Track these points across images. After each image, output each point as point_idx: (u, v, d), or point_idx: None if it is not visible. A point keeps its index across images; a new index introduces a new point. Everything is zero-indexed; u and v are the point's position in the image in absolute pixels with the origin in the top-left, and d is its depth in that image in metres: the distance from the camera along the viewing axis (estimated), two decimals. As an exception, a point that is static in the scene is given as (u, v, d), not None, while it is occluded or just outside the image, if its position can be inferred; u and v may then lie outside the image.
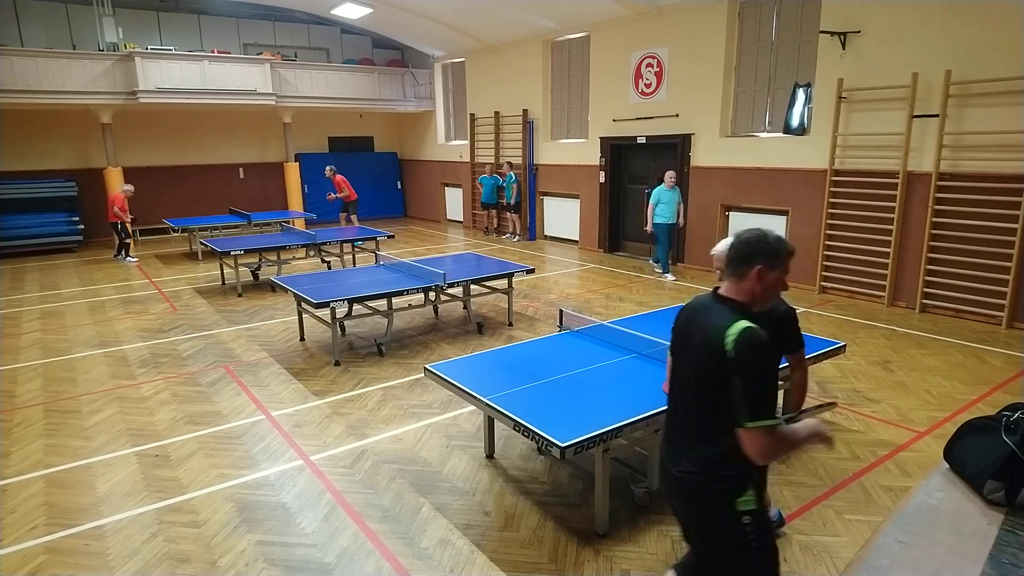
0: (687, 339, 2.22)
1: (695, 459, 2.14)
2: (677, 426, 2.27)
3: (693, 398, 2.16)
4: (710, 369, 2.04)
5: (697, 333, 2.14)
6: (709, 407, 2.09)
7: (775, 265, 2.10)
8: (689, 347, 2.19)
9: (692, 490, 2.18)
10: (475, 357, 4.71)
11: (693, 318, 2.22)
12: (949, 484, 2.14)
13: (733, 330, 1.99)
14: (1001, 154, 7.12)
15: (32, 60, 11.87)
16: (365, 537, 3.53)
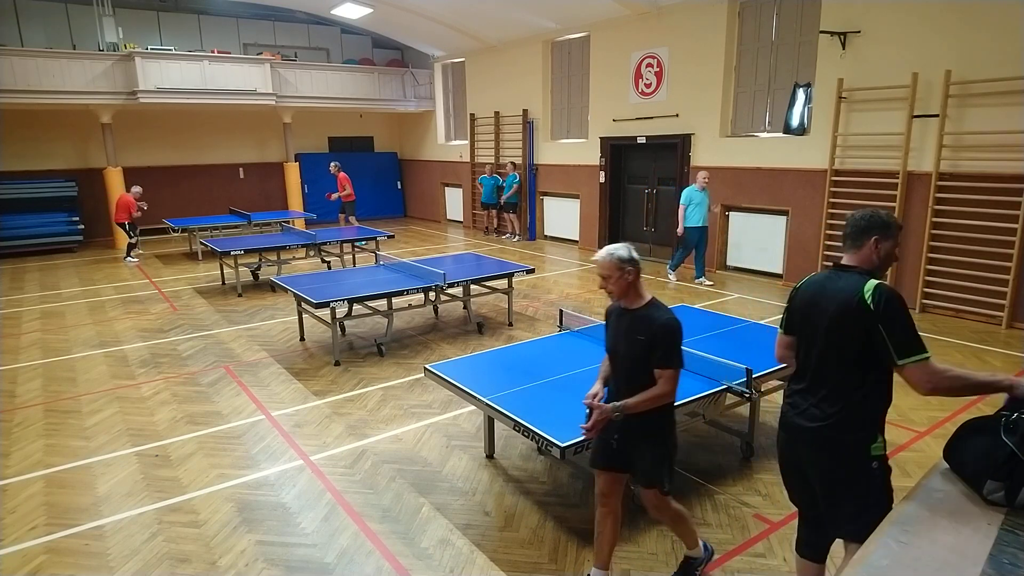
0: (819, 309, 2.48)
1: (832, 413, 2.41)
2: (808, 388, 2.52)
3: (831, 358, 2.43)
4: (852, 328, 2.35)
5: (831, 301, 2.43)
6: (850, 363, 2.38)
7: (888, 236, 2.44)
8: (823, 315, 2.45)
9: (830, 441, 2.43)
10: (475, 357, 4.72)
11: (822, 291, 2.50)
12: (949, 484, 2.14)
13: (868, 288, 2.32)
14: (1001, 154, 7.12)
15: (32, 60, 11.88)
16: (365, 537, 3.53)
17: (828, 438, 2.42)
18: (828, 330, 2.43)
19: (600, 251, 2.81)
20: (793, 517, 3.66)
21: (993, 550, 1.78)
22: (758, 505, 3.79)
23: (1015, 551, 1.77)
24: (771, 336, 5.07)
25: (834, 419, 2.41)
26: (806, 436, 2.49)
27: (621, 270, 2.75)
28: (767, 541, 3.46)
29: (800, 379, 2.58)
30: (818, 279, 2.58)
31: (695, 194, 9.27)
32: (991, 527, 1.89)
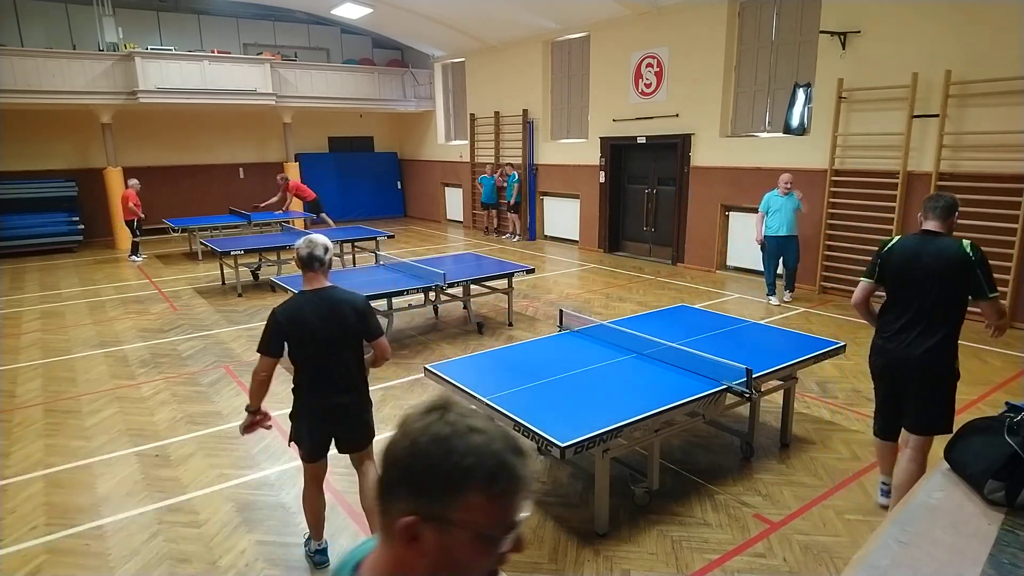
0: (921, 263, 3.26)
1: (937, 341, 3.25)
2: (913, 324, 3.31)
3: (938, 299, 3.23)
4: (957, 274, 3.17)
5: (936, 256, 3.22)
6: (952, 302, 3.23)
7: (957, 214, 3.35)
8: (927, 268, 3.23)
9: (933, 361, 3.28)
10: (475, 357, 4.71)
11: (921, 250, 3.28)
12: (949, 484, 2.14)
13: (964, 244, 3.18)
14: (1001, 154, 7.12)
15: (32, 60, 11.88)
16: (365, 537, 3.53)
17: (932, 359, 3.26)
18: (937, 277, 3.19)
19: None
20: (793, 517, 3.67)
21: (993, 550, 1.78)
22: (758, 505, 3.79)
23: (1015, 551, 1.77)
24: (771, 336, 5.09)
25: (937, 345, 3.24)
26: (913, 360, 3.29)
27: None
28: (767, 541, 3.46)
29: (900, 318, 3.35)
30: (910, 241, 3.36)
31: (774, 200, 8.18)
32: (991, 527, 1.89)
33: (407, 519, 0.87)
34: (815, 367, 5.34)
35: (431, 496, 0.86)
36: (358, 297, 3.16)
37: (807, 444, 4.55)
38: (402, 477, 0.89)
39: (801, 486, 3.99)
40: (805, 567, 3.25)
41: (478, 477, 0.86)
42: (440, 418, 0.89)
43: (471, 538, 0.87)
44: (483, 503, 0.87)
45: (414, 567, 0.90)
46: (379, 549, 0.96)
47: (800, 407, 5.08)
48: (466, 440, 0.87)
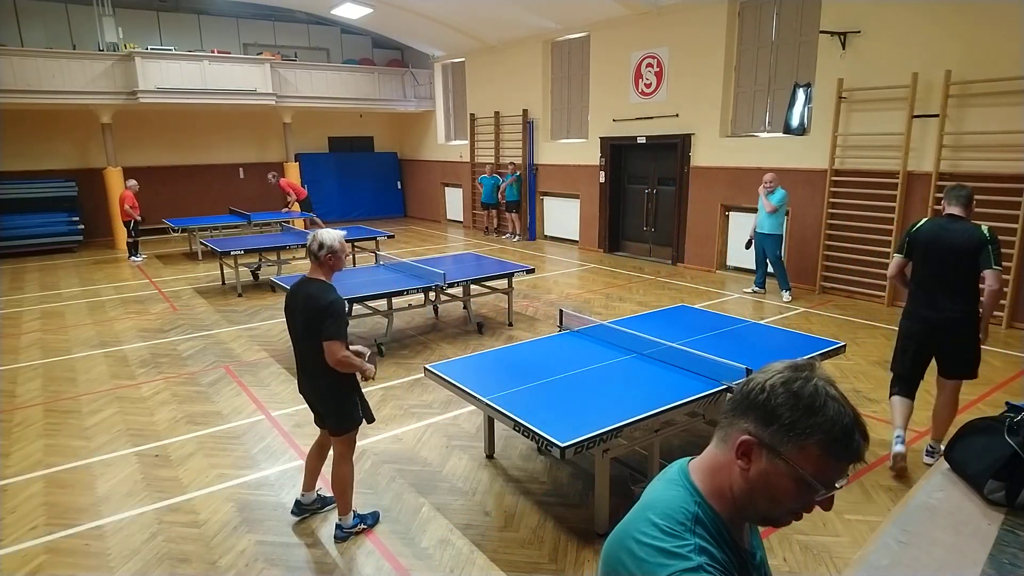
0: (946, 242, 3.87)
1: (964, 305, 3.91)
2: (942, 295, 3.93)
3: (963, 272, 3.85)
4: (977, 251, 3.77)
5: (960, 236, 3.83)
6: (974, 274, 3.83)
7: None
8: (952, 246, 3.84)
9: (960, 321, 3.94)
10: (475, 357, 4.71)
11: (945, 232, 3.90)
12: (949, 484, 2.14)
13: (984, 227, 3.80)
14: (1001, 154, 7.12)
15: (32, 60, 11.87)
16: (365, 537, 3.53)
17: (963, 320, 3.93)
18: (961, 253, 3.82)
19: None
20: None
21: (993, 550, 1.78)
22: (758, 505, 3.78)
23: (1015, 551, 1.77)
24: (771, 336, 5.09)
25: (966, 309, 3.92)
26: (947, 323, 3.95)
27: None
28: (767, 541, 3.45)
29: (934, 288, 3.97)
30: (936, 224, 3.98)
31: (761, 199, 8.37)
32: (991, 527, 1.89)
33: (745, 438, 1.04)
34: (815, 367, 5.32)
35: (776, 430, 1.02)
36: (324, 298, 3.22)
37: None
38: (756, 406, 1.04)
39: (801, 486, 3.98)
40: (805, 567, 3.25)
41: (822, 434, 1.00)
42: (807, 378, 1.03)
43: (793, 477, 1.02)
44: (816, 455, 1.00)
45: (735, 477, 1.06)
46: (711, 449, 1.13)
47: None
48: (825, 404, 1.01)
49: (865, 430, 1.02)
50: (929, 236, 3.97)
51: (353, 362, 3.28)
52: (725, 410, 1.09)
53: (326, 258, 3.30)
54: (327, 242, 3.29)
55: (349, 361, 3.25)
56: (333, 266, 3.34)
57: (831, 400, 1.01)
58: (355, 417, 3.44)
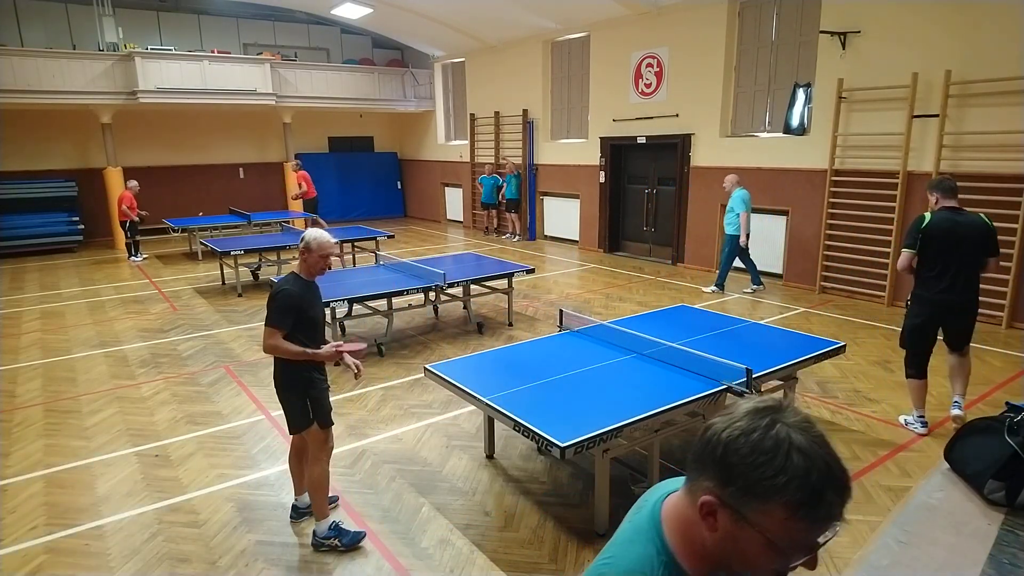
0: (957, 234, 4.31)
1: (973, 286, 4.44)
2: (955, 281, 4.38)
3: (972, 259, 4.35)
4: (984, 240, 4.30)
5: (968, 227, 4.32)
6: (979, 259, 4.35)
7: None
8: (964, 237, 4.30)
9: (972, 304, 4.49)
10: (475, 357, 4.71)
11: (956, 224, 4.34)
12: (949, 484, 2.14)
13: (984, 217, 4.35)
14: (1001, 154, 7.12)
15: (32, 60, 11.87)
16: (365, 537, 3.53)
17: (972, 301, 4.47)
18: (972, 242, 4.29)
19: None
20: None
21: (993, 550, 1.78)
22: (758, 505, 3.78)
23: (1015, 551, 1.77)
24: (771, 336, 5.09)
25: (975, 291, 4.45)
26: (961, 303, 4.44)
27: None
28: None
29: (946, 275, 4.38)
30: (943, 217, 4.36)
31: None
32: (991, 527, 1.89)
33: (707, 498, 0.92)
34: (815, 367, 5.34)
35: (735, 491, 0.89)
36: (276, 287, 3.38)
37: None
38: (715, 463, 0.91)
39: (801, 486, 3.98)
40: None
41: (787, 497, 0.86)
42: (768, 426, 0.89)
43: (761, 541, 0.89)
44: (782, 518, 0.87)
45: (703, 536, 0.95)
46: (682, 496, 1.00)
47: (800, 407, 5.07)
48: (787, 459, 0.87)
49: (842, 481, 0.89)
50: (942, 229, 4.35)
51: (286, 348, 3.30)
52: (689, 458, 0.97)
53: (302, 255, 3.40)
54: (306, 238, 3.37)
55: (280, 348, 3.33)
56: (307, 263, 3.38)
57: (796, 452, 0.86)
58: (303, 417, 3.39)
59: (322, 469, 3.43)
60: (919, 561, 1.75)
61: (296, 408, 3.41)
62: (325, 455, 3.45)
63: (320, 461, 3.42)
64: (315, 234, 3.38)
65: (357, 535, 3.45)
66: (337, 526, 3.44)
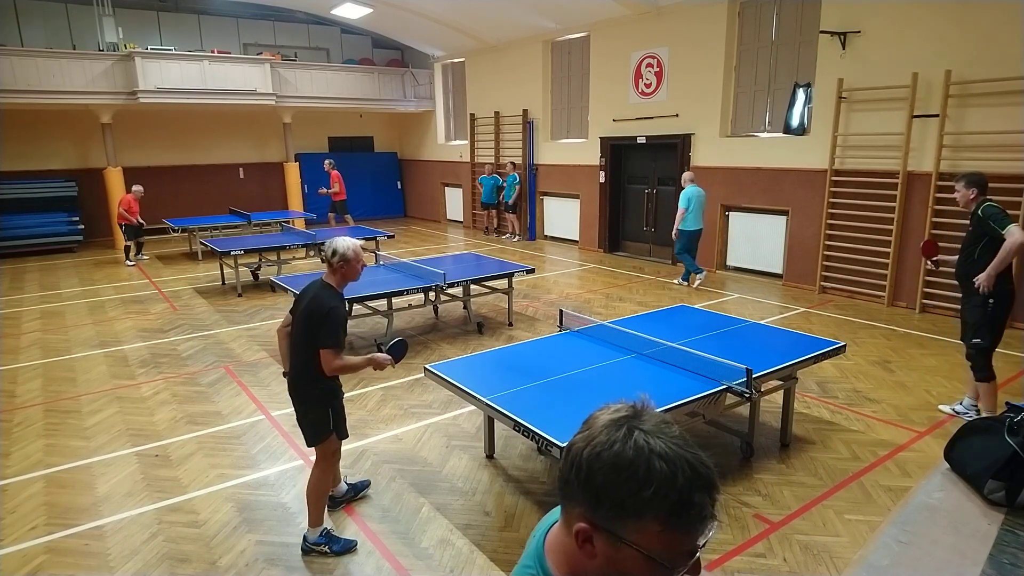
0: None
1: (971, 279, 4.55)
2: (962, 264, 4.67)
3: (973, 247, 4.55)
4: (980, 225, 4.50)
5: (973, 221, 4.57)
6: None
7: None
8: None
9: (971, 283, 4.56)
10: (475, 357, 4.71)
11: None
12: (949, 484, 2.14)
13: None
14: (1001, 154, 7.12)
15: (32, 60, 11.87)
16: (365, 537, 3.53)
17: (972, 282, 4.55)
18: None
19: None
20: (793, 517, 3.68)
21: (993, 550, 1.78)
22: (758, 505, 3.79)
23: (1015, 551, 1.77)
24: (771, 336, 5.08)
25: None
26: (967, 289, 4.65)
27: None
28: (767, 541, 3.46)
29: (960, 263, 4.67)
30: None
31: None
32: (991, 527, 1.89)
33: (580, 525, 0.88)
34: (815, 367, 5.34)
35: (606, 513, 0.85)
36: (326, 305, 3.21)
37: (807, 444, 4.55)
38: (581, 486, 0.87)
39: (801, 486, 3.99)
40: (805, 567, 3.25)
41: (656, 509, 0.83)
42: (625, 437, 0.86)
43: (641, 559, 0.86)
44: (657, 531, 0.84)
45: (585, 566, 0.90)
46: (559, 530, 0.96)
47: (800, 407, 5.08)
48: (650, 468, 0.83)
49: (708, 480, 0.86)
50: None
51: (351, 366, 3.26)
52: (557, 484, 0.92)
53: (338, 265, 3.32)
54: (340, 249, 3.30)
55: (345, 367, 3.24)
56: (345, 274, 3.35)
57: (657, 459, 0.83)
58: (323, 429, 3.36)
59: (327, 479, 3.42)
60: (919, 561, 1.75)
61: (319, 421, 3.35)
62: (329, 463, 3.43)
63: (327, 472, 3.40)
64: (347, 243, 3.33)
65: (348, 543, 3.42)
66: (328, 533, 3.42)
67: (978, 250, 4.54)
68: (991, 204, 4.48)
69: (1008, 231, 4.29)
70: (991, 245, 4.42)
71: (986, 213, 4.44)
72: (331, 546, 3.37)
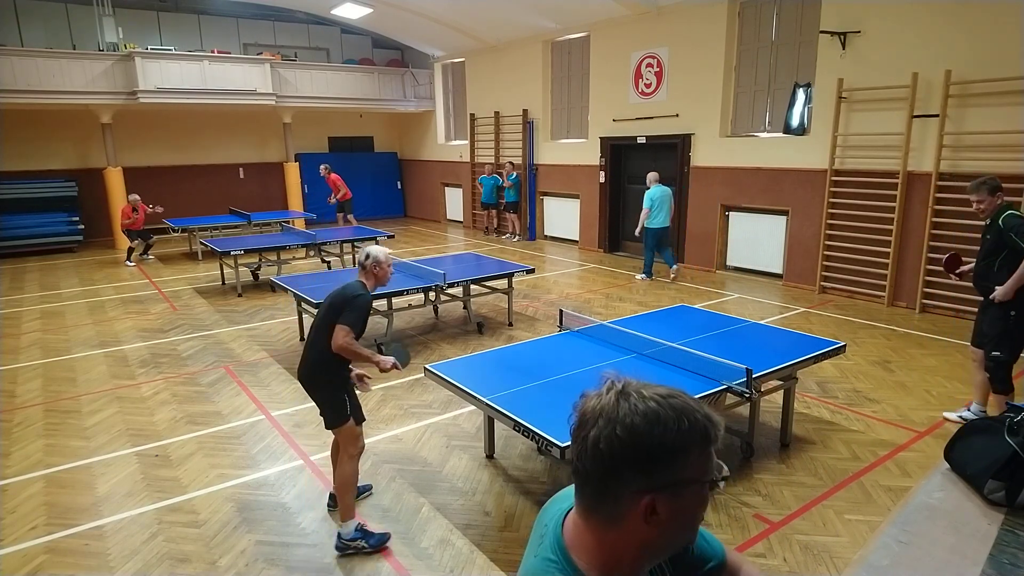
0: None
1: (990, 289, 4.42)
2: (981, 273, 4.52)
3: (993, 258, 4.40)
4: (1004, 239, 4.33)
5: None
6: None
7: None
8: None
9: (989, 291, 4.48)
10: (475, 357, 4.72)
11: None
12: (949, 484, 2.14)
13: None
14: (1001, 154, 7.12)
15: (32, 60, 11.87)
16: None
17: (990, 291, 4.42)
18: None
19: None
20: (793, 517, 3.67)
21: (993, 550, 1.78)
22: (758, 505, 3.79)
23: (1015, 551, 1.77)
24: (771, 336, 5.08)
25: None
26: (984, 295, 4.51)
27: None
28: (767, 541, 3.46)
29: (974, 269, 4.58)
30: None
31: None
32: (991, 527, 1.89)
33: (644, 501, 0.92)
34: (815, 367, 5.34)
35: (662, 467, 0.91)
36: (354, 291, 3.45)
37: (807, 444, 4.55)
38: (628, 462, 0.91)
39: (801, 486, 3.99)
40: (805, 567, 3.25)
41: (693, 436, 0.92)
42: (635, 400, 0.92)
43: (698, 490, 0.95)
44: (698, 455, 0.93)
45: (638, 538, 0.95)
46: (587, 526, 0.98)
47: (800, 407, 5.08)
48: (672, 408, 0.92)
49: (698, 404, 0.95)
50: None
51: (356, 350, 3.38)
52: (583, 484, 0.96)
53: (371, 266, 3.54)
54: (372, 253, 3.55)
55: (351, 348, 3.36)
56: (378, 276, 3.56)
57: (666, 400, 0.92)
58: (341, 413, 3.47)
59: (353, 468, 3.49)
60: (919, 561, 1.75)
61: (336, 404, 3.48)
62: (357, 452, 3.53)
63: (352, 458, 3.49)
64: (380, 249, 3.59)
65: (383, 537, 3.46)
66: (363, 528, 3.45)
67: (998, 262, 4.35)
68: (1013, 214, 4.28)
69: None
70: (1012, 257, 4.24)
71: (1007, 224, 4.24)
72: (367, 540, 3.41)
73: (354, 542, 3.38)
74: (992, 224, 4.42)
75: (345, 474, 3.46)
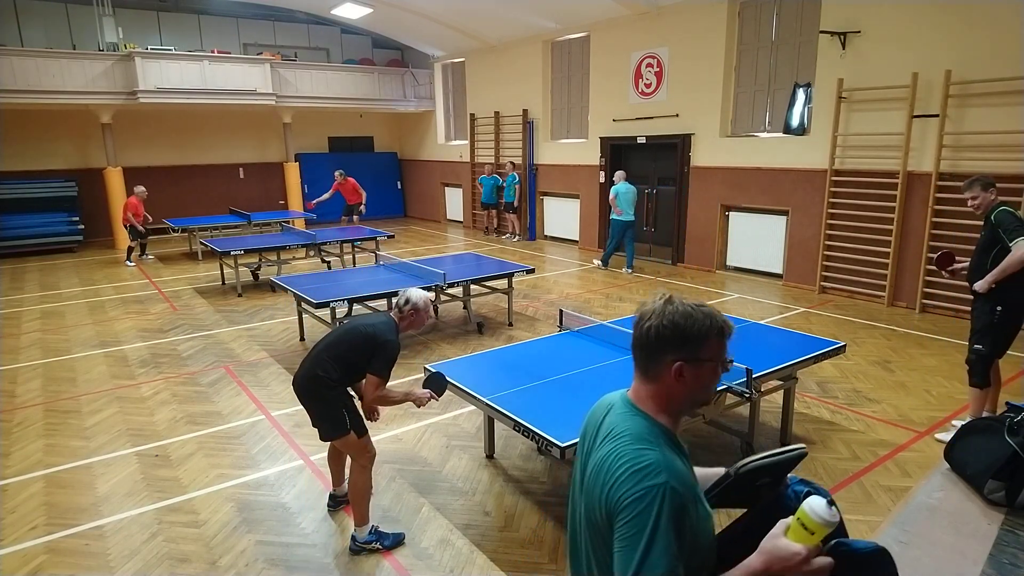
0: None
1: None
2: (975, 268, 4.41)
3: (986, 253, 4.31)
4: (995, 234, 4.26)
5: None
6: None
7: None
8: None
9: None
10: (475, 357, 4.72)
11: None
12: (949, 484, 2.14)
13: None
14: (1001, 154, 7.12)
15: (32, 60, 11.87)
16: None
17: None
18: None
19: None
20: (793, 517, 3.67)
21: (993, 550, 1.78)
22: (758, 505, 3.78)
23: (1015, 551, 1.77)
24: (771, 336, 5.08)
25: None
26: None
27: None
28: (767, 541, 3.45)
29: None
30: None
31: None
32: (991, 527, 1.89)
33: (676, 365, 1.41)
34: (815, 367, 5.34)
35: (691, 346, 1.41)
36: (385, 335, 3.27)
37: (807, 444, 4.55)
38: (669, 340, 1.41)
39: (801, 486, 3.98)
40: (805, 567, 3.24)
41: (715, 329, 1.42)
42: (679, 304, 1.43)
43: (712, 367, 1.45)
44: (716, 343, 1.43)
45: (674, 394, 1.45)
46: (643, 385, 1.48)
47: (800, 407, 5.08)
48: (701, 311, 1.43)
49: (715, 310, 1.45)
50: None
51: (391, 399, 3.35)
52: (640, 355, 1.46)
53: (408, 312, 3.40)
54: (413, 298, 3.40)
55: (386, 399, 3.33)
56: (412, 322, 3.43)
57: (700, 307, 1.43)
58: (341, 426, 3.34)
59: (367, 477, 3.42)
60: (919, 561, 1.75)
61: (334, 419, 3.35)
62: (368, 462, 3.43)
63: (365, 469, 3.40)
64: (420, 294, 3.43)
65: (397, 537, 3.47)
66: (377, 530, 3.44)
67: (991, 257, 4.31)
68: (1005, 210, 4.28)
69: (1016, 244, 4.09)
70: (1004, 252, 4.21)
71: (998, 219, 4.24)
72: (382, 542, 3.41)
73: (369, 544, 3.39)
74: (986, 218, 4.43)
75: (358, 484, 3.40)
